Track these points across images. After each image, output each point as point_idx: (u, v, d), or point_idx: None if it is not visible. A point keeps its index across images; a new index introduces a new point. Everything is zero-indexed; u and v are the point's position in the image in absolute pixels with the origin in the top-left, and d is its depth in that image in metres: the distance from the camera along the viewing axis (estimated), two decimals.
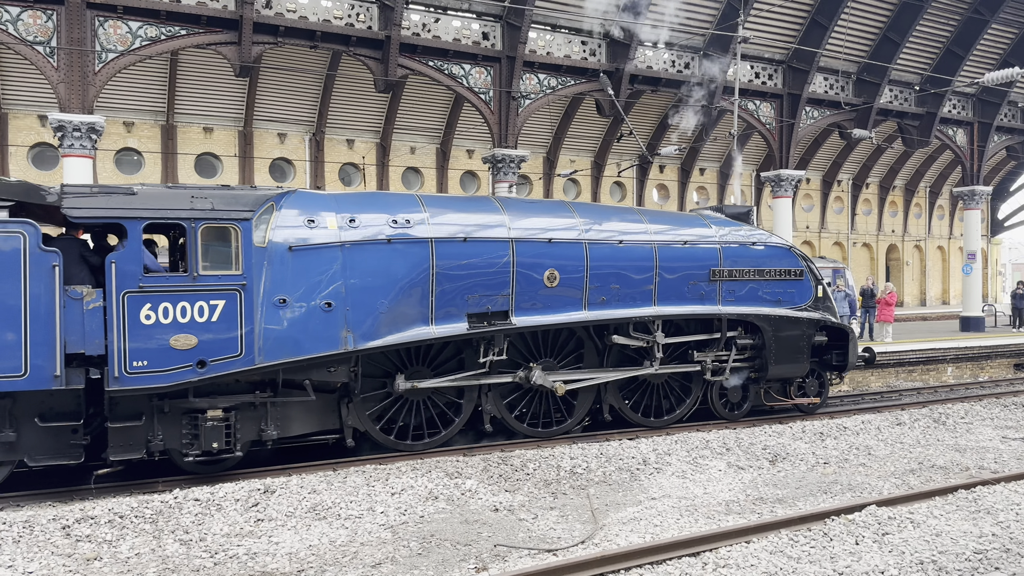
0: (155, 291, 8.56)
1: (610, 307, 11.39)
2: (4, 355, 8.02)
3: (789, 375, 12.96)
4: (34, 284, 8.14)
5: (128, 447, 8.74)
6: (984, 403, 14.79)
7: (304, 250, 9.33)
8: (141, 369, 8.49)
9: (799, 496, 8.83)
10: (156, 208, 8.70)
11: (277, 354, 9.08)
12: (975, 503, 8.10)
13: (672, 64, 22.63)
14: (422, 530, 7.51)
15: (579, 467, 9.82)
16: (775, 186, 24.50)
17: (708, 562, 6.49)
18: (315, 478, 8.97)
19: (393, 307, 9.80)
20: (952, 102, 27.53)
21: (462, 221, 10.57)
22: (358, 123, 25.28)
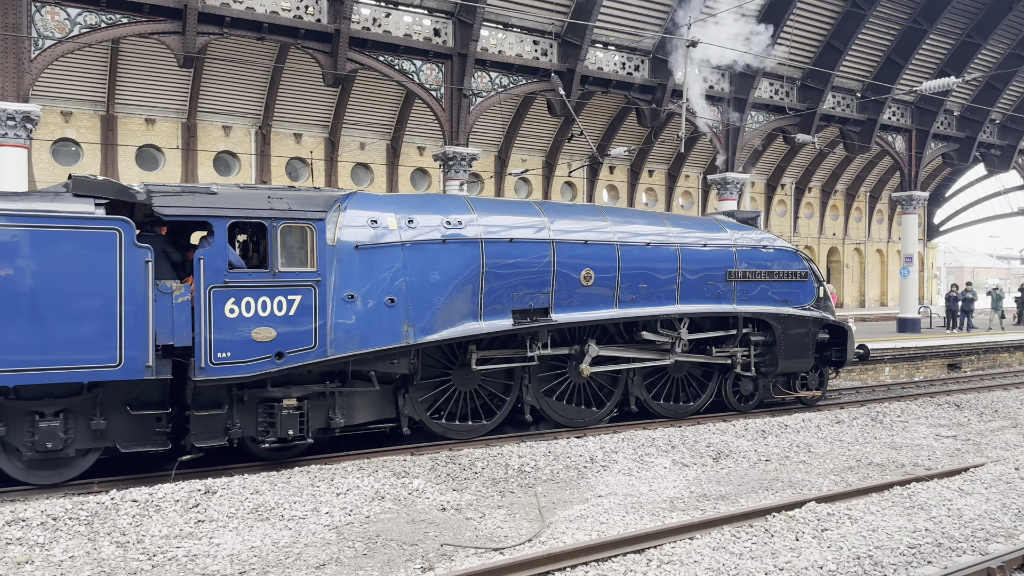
0: (238, 286, 8.99)
1: (638, 305, 12.13)
2: (100, 346, 8.32)
3: (796, 370, 13.89)
4: (128, 278, 8.48)
5: (210, 434, 9.16)
6: (919, 402, 15.26)
7: (369, 249, 9.88)
8: (225, 360, 8.91)
9: (742, 493, 8.99)
10: (240, 207, 9.15)
11: (347, 346, 9.60)
12: (910, 499, 8.35)
13: (622, 66, 22.83)
14: (368, 530, 7.43)
15: (527, 465, 9.84)
16: (721, 189, 24.91)
17: (652, 559, 6.55)
18: (258, 479, 8.81)
19: (447, 303, 10.41)
20: (892, 109, 28.36)
21: (507, 223, 11.22)
22: (306, 117, 24.91)
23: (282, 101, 24.10)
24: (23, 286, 8.10)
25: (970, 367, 22.52)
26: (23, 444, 8.50)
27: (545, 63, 21.28)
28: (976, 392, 17.05)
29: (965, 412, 14.54)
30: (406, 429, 10.68)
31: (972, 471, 9.54)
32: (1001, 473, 9.36)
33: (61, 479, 8.79)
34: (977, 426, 13.34)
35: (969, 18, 26.54)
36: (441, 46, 19.77)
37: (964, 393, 16.79)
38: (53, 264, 8.20)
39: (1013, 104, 31.30)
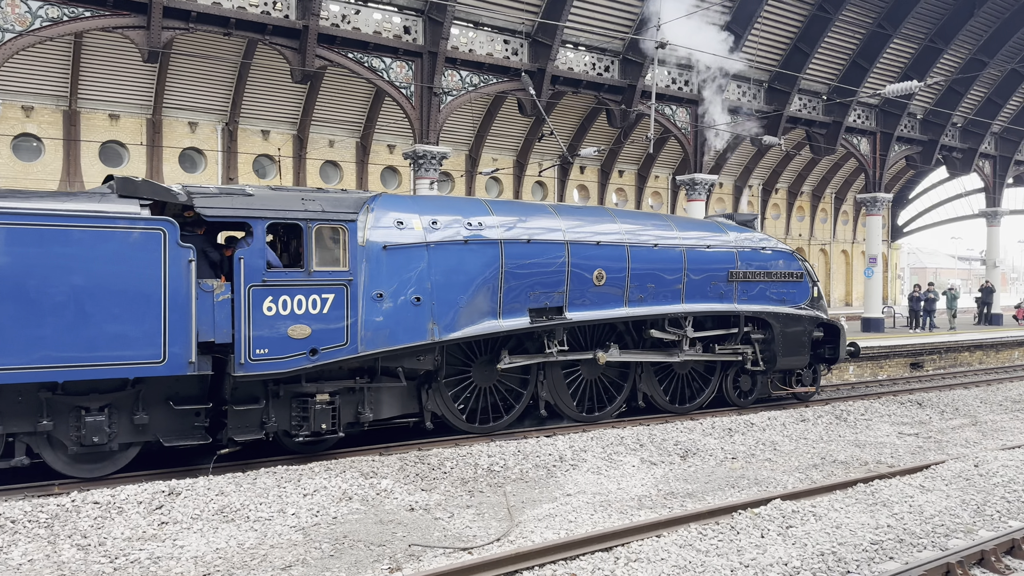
0: (276, 285, 9.33)
1: (647, 304, 12.64)
2: (145, 343, 8.60)
3: (793, 366, 14.53)
4: (172, 277, 8.75)
5: (247, 428, 9.49)
6: (882, 400, 15.51)
7: (396, 249, 10.25)
8: (263, 356, 9.23)
9: (708, 490, 9.07)
10: (277, 209, 9.47)
11: (376, 343, 9.99)
12: (873, 496, 8.47)
13: (592, 67, 22.91)
14: (335, 531, 7.38)
15: (496, 465, 9.83)
16: (689, 189, 25.11)
17: (620, 557, 6.58)
18: (223, 480, 8.70)
19: (469, 302, 10.82)
20: (857, 112, 28.79)
21: (525, 224, 11.61)
22: (274, 114, 24.64)
23: (249, 97, 23.82)
24: (72, 284, 8.30)
25: (932, 366, 22.96)
26: (68, 438, 8.71)
27: (516, 62, 21.28)
28: (938, 391, 17.38)
29: (927, 410, 14.81)
30: (429, 424, 11.08)
31: (933, 468, 9.72)
32: (961, 470, 9.55)
33: (103, 473, 9.02)
34: (938, 424, 13.59)
35: (932, 23, 27.04)
36: (411, 44, 19.68)
37: (926, 392, 17.10)
38: (100, 263, 8.44)
39: (974, 108, 31.95)
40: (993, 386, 18.33)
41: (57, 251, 8.26)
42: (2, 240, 8.05)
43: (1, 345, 8.02)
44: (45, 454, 8.74)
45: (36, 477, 8.95)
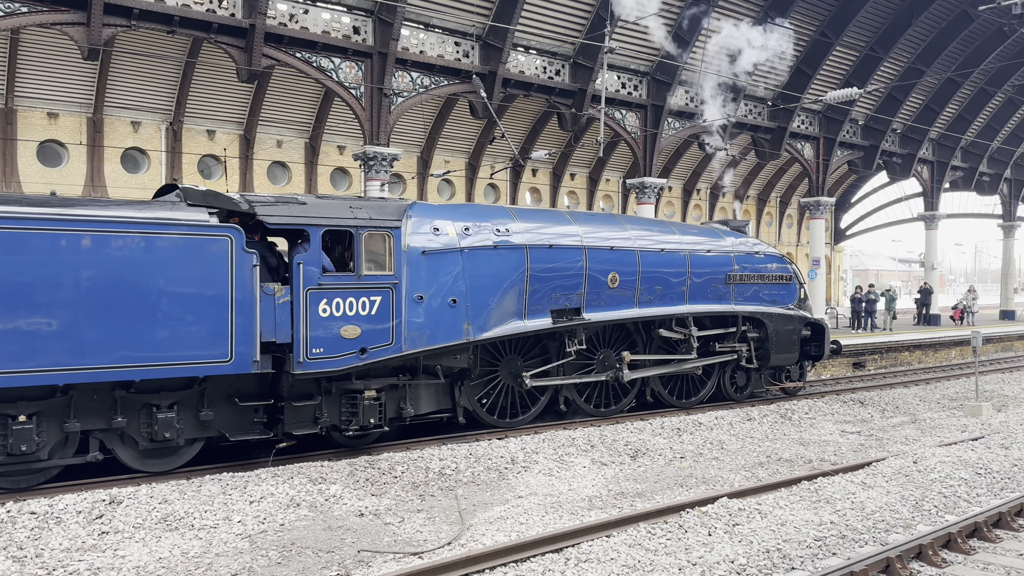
0: (330, 288, 9.90)
1: (655, 305, 13.47)
2: (214, 343, 9.11)
3: (785, 363, 15.51)
4: (239, 281, 9.28)
5: (302, 423, 10.03)
6: (826, 399, 15.88)
7: (434, 254, 10.92)
8: (319, 355, 9.82)
9: (657, 490, 9.17)
10: (331, 216, 10.10)
11: (418, 343, 10.64)
12: (816, 493, 8.66)
13: (544, 70, 23.01)
14: (282, 538, 7.26)
15: (448, 468, 9.79)
16: (639, 192, 25.38)
17: (570, 557, 6.61)
18: (166, 487, 8.51)
19: (499, 303, 11.52)
20: (801, 118, 29.45)
21: (546, 231, 12.36)
22: (220, 113, 24.15)
23: (195, 96, 23.31)
24: (147, 288, 8.80)
25: (873, 365, 23.58)
26: (139, 434, 9.20)
27: (467, 65, 21.25)
28: (879, 389, 17.87)
29: (868, 409, 15.21)
30: (462, 419, 11.68)
31: (874, 465, 9.98)
32: (901, 467, 9.82)
33: (170, 467, 9.48)
34: (880, 422, 13.97)
35: (872, 32, 27.80)
36: (361, 44, 19.51)
37: (868, 391, 17.56)
38: (173, 268, 8.95)
39: (912, 115, 32.94)
40: (931, 385, 18.91)
41: (134, 257, 8.75)
42: (84, 246, 8.49)
43: (82, 346, 8.43)
44: (117, 450, 9.18)
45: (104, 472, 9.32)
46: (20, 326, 8.17)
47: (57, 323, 8.33)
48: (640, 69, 24.94)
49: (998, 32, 29.25)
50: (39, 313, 8.26)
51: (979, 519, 7.43)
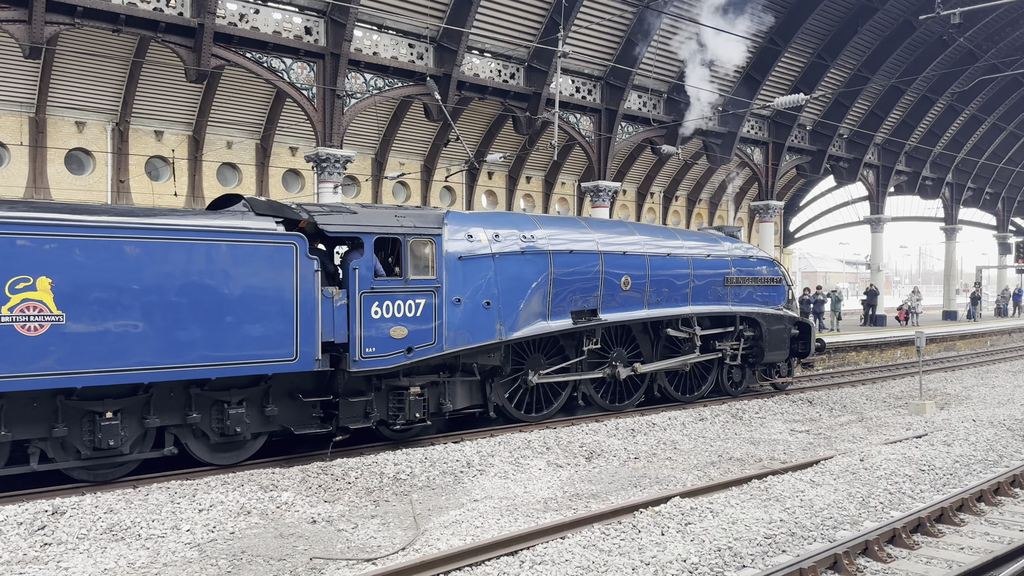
0: (382, 292, 10.62)
1: (662, 306, 14.41)
2: (281, 343, 9.76)
3: (776, 360, 16.50)
4: (303, 285, 9.94)
5: (355, 418, 10.70)
6: (775, 399, 16.16)
7: (470, 259, 11.66)
8: (371, 354, 10.53)
9: (612, 491, 9.22)
10: (382, 225, 10.83)
11: (456, 343, 11.37)
12: (766, 491, 8.81)
13: (498, 73, 23.03)
14: (232, 547, 7.13)
15: (403, 473, 9.72)
16: (594, 196, 25.55)
17: (525, 560, 6.61)
18: (112, 496, 8.30)
19: (526, 305, 12.29)
20: (751, 123, 29.96)
21: (567, 237, 13.16)
22: (168, 114, 23.63)
23: (142, 96, 22.78)
24: (220, 292, 9.40)
25: (821, 365, 24.07)
26: (211, 429, 9.82)
27: (421, 67, 21.16)
28: (827, 389, 18.25)
29: (817, 408, 15.52)
30: (493, 413, 12.43)
31: (822, 463, 10.18)
32: (848, 464, 10.04)
33: (237, 460, 10.11)
34: (828, 421, 14.26)
35: (820, 39, 28.42)
36: (313, 45, 19.29)
37: (816, 390, 17.93)
38: (245, 273, 9.57)
39: (859, 120, 33.76)
40: (878, 384, 19.38)
41: (210, 263, 9.37)
42: (167, 254, 9.12)
43: (164, 347, 9.03)
44: (191, 444, 9.78)
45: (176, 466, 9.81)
46: (110, 328, 8.76)
47: (143, 325, 8.94)
48: (594, 74, 25.13)
49: (939, 41, 30.17)
50: (127, 316, 8.85)
51: (922, 515, 7.64)
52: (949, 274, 43.29)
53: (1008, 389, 17.91)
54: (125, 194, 22.76)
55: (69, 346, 8.51)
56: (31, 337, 8.33)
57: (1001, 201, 45.56)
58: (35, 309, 8.38)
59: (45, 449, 8.88)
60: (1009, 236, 47.36)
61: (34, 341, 8.34)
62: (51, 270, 8.46)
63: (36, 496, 8.56)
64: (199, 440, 9.85)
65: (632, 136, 26.45)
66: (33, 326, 8.36)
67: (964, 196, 41.73)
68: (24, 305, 8.32)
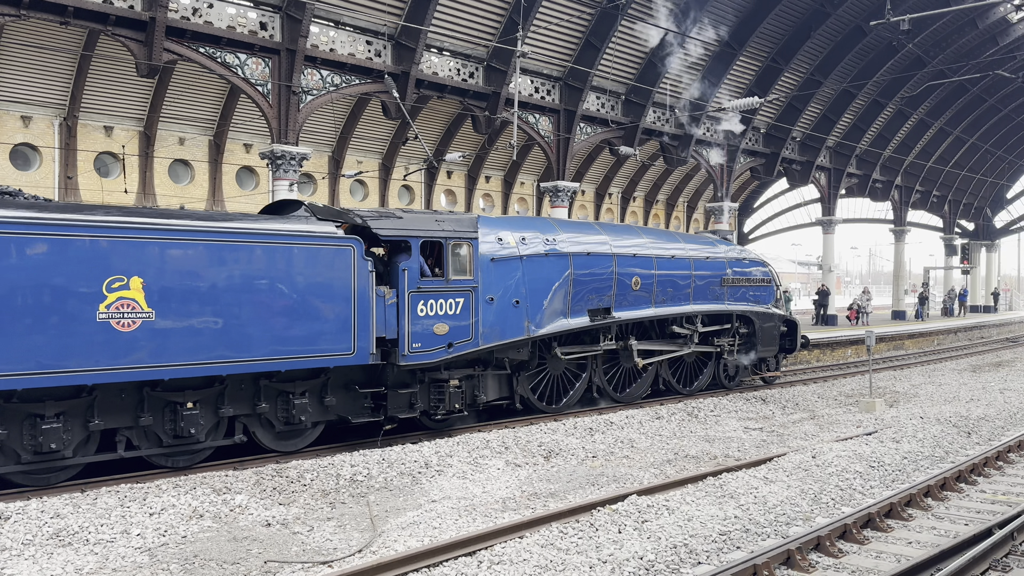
0: (427, 291, 11.43)
1: (668, 305, 15.41)
2: (340, 338, 10.53)
3: (767, 355, 17.72)
4: (359, 285, 10.72)
5: (402, 408, 11.51)
6: (730, 397, 16.39)
7: (501, 260, 12.51)
8: (417, 349, 11.32)
9: (570, 489, 9.25)
10: (427, 228, 11.62)
11: (490, 339, 12.22)
12: (721, 488, 8.92)
13: (457, 72, 22.96)
14: (184, 551, 6.98)
15: (360, 474, 9.63)
16: (553, 196, 25.63)
17: (483, 560, 6.60)
18: (59, 501, 8.07)
19: (550, 304, 13.15)
20: (706, 126, 30.35)
21: (584, 240, 14.07)
22: (118, 109, 23.07)
23: (91, 91, 22.22)
24: (289, 290, 10.15)
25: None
26: (276, 418, 10.55)
27: (379, 64, 20.99)
28: (780, 387, 18.55)
29: (770, 406, 15.77)
30: (519, 404, 13.25)
31: (776, 460, 10.35)
32: (800, 461, 10.22)
33: (297, 447, 10.85)
34: (781, 418, 14.50)
35: (774, 43, 28.91)
36: (268, 40, 19.01)
37: (769, 388, 18.21)
38: (309, 273, 10.33)
39: (811, 124, 34.42)
40: (829, 382, 19.78)
41: (279, 263, 10.09)
42: (242, 255, 9.81)
43: (239, 341, 9.70)
44: (258, 432, 10.48)
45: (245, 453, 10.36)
46: (193, 324, 9.42)
47: (221, 322, 9.61)
48: (553, 74, 25.21)
49: (888, 47, 30.89)
50: (207, 313, 9.52)
51: (872, 510, 7.80)
52: (898, 275, 44.37)
53: (954, 387, 18.41)
54: (73, 191, 22.17)
55: (158, 341, 9.15)
56: (125, 333, 8.96)
57: (947, 204, 46.87)
58: (129, 307, 9.02)
59: (131, 437, 9.52)
60: (955, 238, 48.77)
61: (127, 336, 8.97)
62: (142, 270, 9.10)
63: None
64: (265, 429, 10.57)
65: (591, 137, 26.59)
66: (127, 322, 8.99)
67: (912, 199, 42.80)
68: (119, 303, 8.96)
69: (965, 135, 41.68)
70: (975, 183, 46.99)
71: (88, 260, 8.76)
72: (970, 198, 48.53)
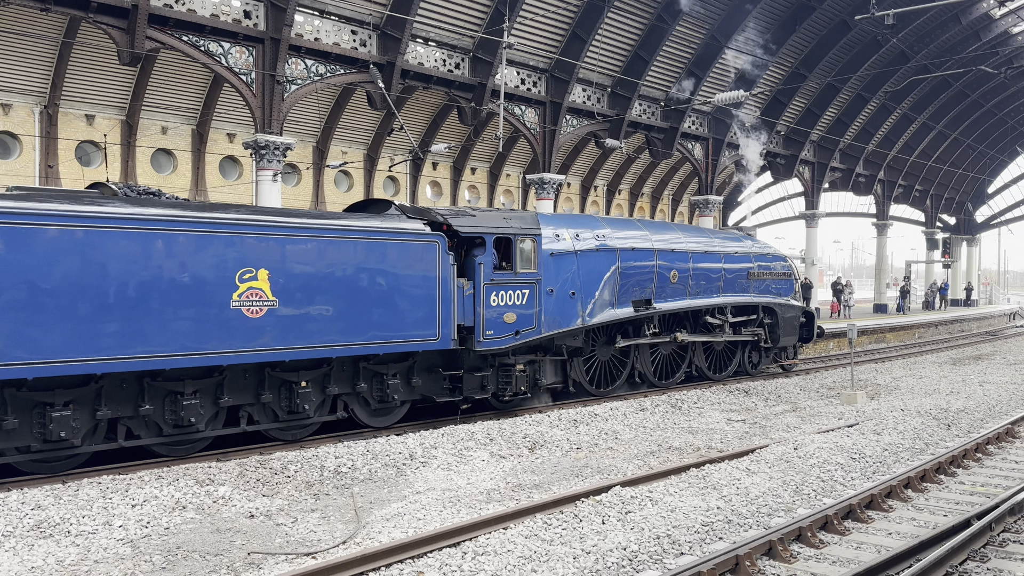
0: (499, 283, 12.62)
1: (701, 297, 16.58)
2: (427, 325, 11.69)
3: (788, 344, 18.94)
4: (443, 277, 11.86)
5: (476, 389, 12.69)
6: (713, 389, 16.49)
7: (558, 255, 13.60)
8: (491, 336, 12.48)
9: (554, 481, 9.29)
10: (499, 225, 12.78)
11: (551, 327, 13.36)
12: (704, 480, 8.98)
13: (443, 63, 22.86)
14: (167, 543, 6.95)
15: (344, 466, 9.62)
16: (539, 188, 25.61)
17: (468, 551, 6.61)
18: (40, 492, 8.02)
19: (600, 296, 14.20)
20: (691, 119, 30.40)
21: (628, 235, 15.15)
22: (100, 97, 22.79)
23: (72, 79, 21.95)
24: (387, 281, 11.30)
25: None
26: (372, 397, 11.72)
27: (364, 54, 20.86)
28: (762, 379, 18.68)
29: (753, 398, 15.88)
30: (572, 388, 14.31)
31: (758, 452, 10.43)
32: (782, 453, 10.30)
33: (388, 423, 12.02)
34: (763, 410, 14.60)
35: (759, 37, 28.98)
36: (252, 29, 18.83)
37: (752, 380, 18.34)
38: (403, 266, 11.46)
39: (795, 117, 34.57)
40: (811, 375, 19.93)
41: (378, 258, 11.21)
42: (349, 250, 10.94)
43: (344, 327, 10.82)
44: (356, 409, 11.63)
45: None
46: (309, 312, 10.52)
47: (331, 309, 10.70)
48: (539, 66, 25.15)
49: (873, 41, 31.06)
50: (319, 302, 10.60)
51: (853, 501, 7.88)
52: (880, 268, 44.72)
53: (934, 380, 18.61)
54: (54, 179, 21.91)
55: (280, 327, 10.25)
56: (253, 319, 10.03)
57: (929, 198, 47.25)
58: (257, 296, 10.09)
59: (252, 413, 10.59)
60: (936, 232, 49.19)
61: (255, 322, 10.04)
62: (268, 263, 10.18)
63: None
64: (362, 406, 11.67)
65: (577, 129, 26.58)
66: (255, 310, 10.06)
67: (895, 193, 43.12)
68: (249, 292, 10.02)
69: (947, 130, 42.01)
70: (957, 178, 47.40)
71: (223, 253, 9.81)
72: (952, 193, 48.95)
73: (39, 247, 8.51)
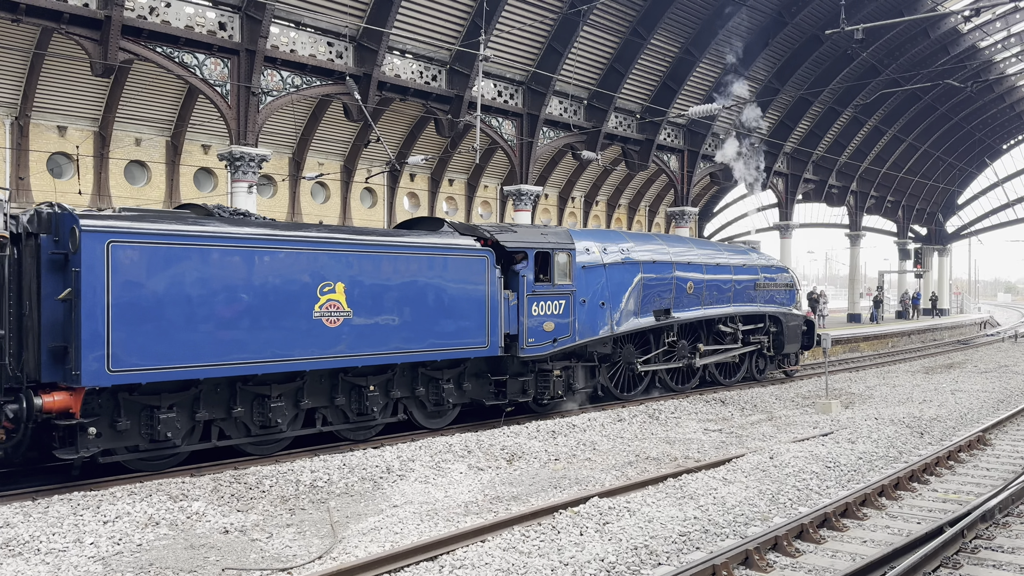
0: (539, 294, 13.51)
1: (713, 306, 17.57)
2: (477, 334, 12.57)
3: (791, 351, 20.09)
4: (492, 289, 12.77)
5: (518, 393, 13.47)
6: (690, 399, 16.56)
7: (589, 268, 14.51)
8: (532, 344, 13.37)
9: (532, 492, 9.27)
10: (538, 241, 13.66)
11: (584, 335, 14.28)
12: (681, 490, 9.00)
13: (420, 75, 22.90)
14: (140, 560, 6.84)
15: (320, 480, 9.54)
16: (516, 200, 25.68)
17: (445, 564, 6.57)
18: (8, 509, 7.86)
19: (625, 306, 15.16)
20: (667, 131, 30.67)
21: (648, 248, 16.11)
22: (72, 108, 22.56)
23: (44, 90, 21.72)
24: (443, 293, 12.19)
25: None
26: (428, 400, 12.54)
27: (340, 66, 20.85)
28: (739, 389, 18.79)
29: (729, 407, 15.96)
30: (600, 392, 15.36)
31: (734, 461, 10.48)
32: (758, 462, 10.36)
33: (441, 425, 12.87)
34: (739, 420, 14.68)
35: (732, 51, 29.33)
36: (227, 40, 18.76)
37: (728, 390, 18.44)
38: (456, 279, 12.36)
39: (769, 130, 34.98)
40: (786, 384, 20.08)
41: (437, 271, 12.13)
42: (410, 265, 11.81)
43: (407, 336, 11.70)
44: (415, 412, 12.45)
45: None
46: (378, 322, 11.39)
47: (397, 319, 11.57)
48: (516, 78, 25.26)
49: (844, 56, 31.56)
50: (386, 312, 11.46)
51: (828, 510, 7.94)
52: (854, 278, 45.26)
53: (907, 388, 18.83)
54: (25, 191, 21.61)
55: (354, 335, 11.10)
56: (332, 328, 10.89)
57: (901, 209, 47.97)
58: (335, 307, 10.93)
59: (327, 415, 11.42)
60: (908, 242, 49.92)
61: (333, 331, 10.90)
62: (344, 277, 11.01)
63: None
64: (419, 410, 12.49)
65: (554, 141, 26.71)
66: (333, 319, 10.91)
67: (867, 204, 43.72)
68: (328, 303, 10.86)
69: (917, 142, 42.71)
70: (927, 189, 48.17)
71: (307, 268, 10.66)
72: (923, 204, 49.73)
73: (156, 263, 9.37)
